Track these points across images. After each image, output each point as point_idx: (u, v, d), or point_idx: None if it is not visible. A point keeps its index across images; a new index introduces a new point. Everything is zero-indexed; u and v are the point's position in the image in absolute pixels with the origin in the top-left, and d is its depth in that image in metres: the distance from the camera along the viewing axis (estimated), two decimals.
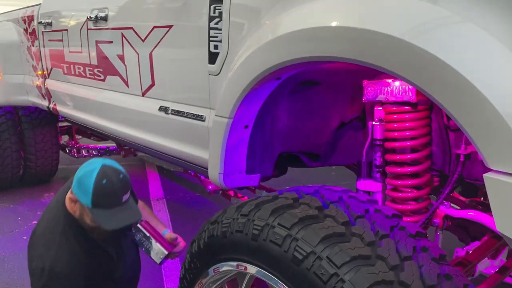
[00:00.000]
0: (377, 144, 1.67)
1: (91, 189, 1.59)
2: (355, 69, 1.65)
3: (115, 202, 1.64)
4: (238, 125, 1.65)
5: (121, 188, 1.64)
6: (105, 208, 1.62)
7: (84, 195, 1.61)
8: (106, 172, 1.62)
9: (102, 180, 1.60)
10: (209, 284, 1.44)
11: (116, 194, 1.63)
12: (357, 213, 1.19)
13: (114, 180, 1.63)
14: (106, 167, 1.65)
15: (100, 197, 1.60)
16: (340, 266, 1.04)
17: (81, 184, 1.62)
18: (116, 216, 1.64)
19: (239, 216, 1.30)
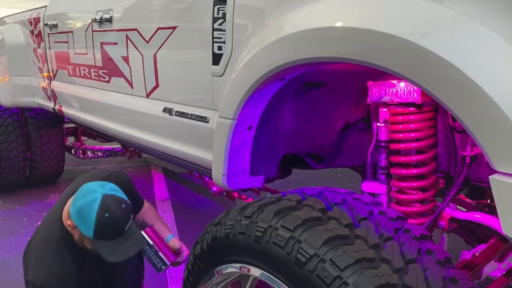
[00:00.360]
0: (382, 145, 1.66)
1: (93, 223, 1.55)
2: (360, 70, 1.63)
3: (118, 234, 1.61)
4: (241, 127, 1.64)
5: (123, 219, 1.61)
6: (108, 240, 1.60)
7: (86, 227, 1.58)
8: (108, 205, 1.58)
9: (105, 214, 1.56)
10: (212, 286, 1.43)
11: (118, 227, 1.60)
12: (361, 215, 1.18)
13: (116, 212, 1.59)
14: (107, 197, 1.60)
15: (103, 230, 1.57)
16: (344, 269, 1.02)
17: (81, 216, 1.58)
18: (119, 247, 1.61)
19: (242, 218, 1.29)
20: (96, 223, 1.55)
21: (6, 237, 3.62)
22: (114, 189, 1.68)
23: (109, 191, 1.64)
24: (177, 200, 4.51)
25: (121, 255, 1.62)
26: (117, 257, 1.62)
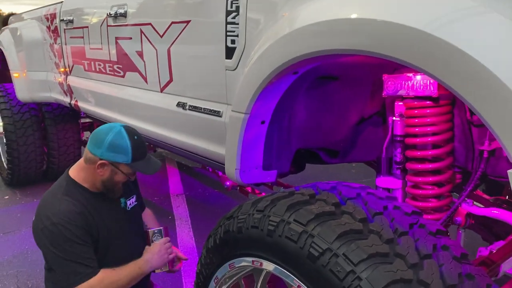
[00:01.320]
0: (398, 140, 1.64)
1: (130, 146, 1.78)
2: (375, 63, 1.61)
3: (145, 152, 1.88)
4: (254, 121, 1.64)
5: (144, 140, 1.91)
6: (141, 159, 1.83)
7: (123, 155, 1.78)
8: (132, 131, 1.84)
9: (134, 136, 1.82)
10: (225, 279, 1.43)
11: (144, 145, 1.89)
12: (375, 210, 1.17)
13: (139, 135, 1.88)
14: (128, 127, 1.86)
15: (137, 151, 1.81)
16: (357, 264, 1.01)
17: (115, 146, 1.77)
18: (149, 163, 1.88)
19: (255, 211, 1.28)
20: (132, 146, 1.78)
21: (24, 230, 3.69)
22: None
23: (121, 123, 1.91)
24: (192, 195, 4.53)
25: (153, 168, 1.90)
26: (152, 169, 1.88)
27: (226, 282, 1.45)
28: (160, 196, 4.37)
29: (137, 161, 1.82)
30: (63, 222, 1.71)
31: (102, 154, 1.78)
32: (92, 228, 1.79)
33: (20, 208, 4.18)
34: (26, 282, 2.93)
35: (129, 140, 1.79)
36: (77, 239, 1.72)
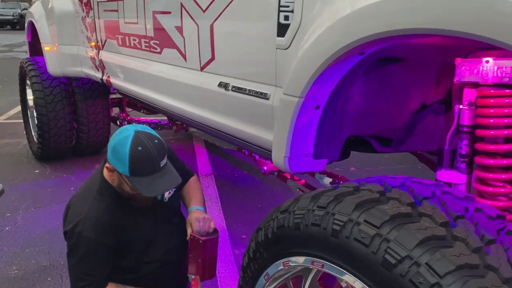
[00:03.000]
0: (464, 131, 1.49)
1: (127, 157, 1.55)
2: (447, 45, 1.46)
3: (153, 169, 1.58)
4: (309, 106, 1.51)
5: (157, 153, 1.59)
6: (144, 175, 1.58)
7: (121, 164, 1.57)
8: (140, 139, 1.57)
9: (138, 147, 1.55)
10: (276, 277, 1.34)
11: (152, 160, 1.57)
12: (456, 213, 1.04)
13: (149, 146, 1.57)
14: (140, 133, 1.60)
15: (138, 165, 1.56)
16: (443, 276, 0.89)
17: (116, 153, 1.58)
18: (155, 182, 1.59)
19: (316, 207, 1.17)
20: (130, 157, 1.54)
21: (55, 206, 3.69)
22: (146, 128, 1.68)
23: (141, 128, 1.65)
24: (220, 175, 4.46)
25: (158, 189, 1.61)
26: (154, 191, 1.60)
27: (275, 280, 1.35)
28: None
29: (137, 176, 1.57)
30: (84, 233, 1.64)
31: (108, 156, 1.63)
32: (118, 235, 1.70)
33: (50, 183, 4.18)
34: (58, 259, 2.91)
35: (129, 149, 1.54)
36: (92, 255, 1.66)
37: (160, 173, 1.60)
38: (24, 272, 2.75)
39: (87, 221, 1.65)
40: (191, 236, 1.79)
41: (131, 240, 1.75)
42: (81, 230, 1.64)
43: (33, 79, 4.36)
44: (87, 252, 1.66)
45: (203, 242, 1.76)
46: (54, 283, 2.65)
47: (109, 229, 1.68)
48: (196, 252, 1.78)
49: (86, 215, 1.66)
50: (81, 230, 1.64)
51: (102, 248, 1.68)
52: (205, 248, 1.77)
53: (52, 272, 2.77)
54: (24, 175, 4.37)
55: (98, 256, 1.68)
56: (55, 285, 2.63)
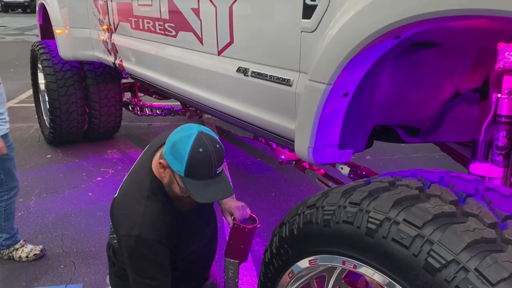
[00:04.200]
0: (502, 121, 1.39)
1: (187, 156, 1.45)
2: (487, 29, 1.35)
3: (209, 174, 1.48)
4: (337, 93, 1.41)
5: (217, 159, 1.49)
6: (198, 179, 1.48)
7: (178, 162, 1.47)
8: (203, 140, 1.48)
9: (199, 148, 1.46)
10: (302, 275, 1.26)
11: (211, 165, 1.48)
12: (505, 213, 0.95)
13: (211, 149, 1.47)
14: (204, 134, 1.50)
15: (195, 166, 1.46)
16: (496, 284, 0.81)
17: (175, 150, 1.48)
18: (208, 188, 1.49)
19: (348, 203, 1.09)
20: (189, 157, 1.45)
21: (67, 191, 3.65)
22: (210, 130, 1.58)
23: (205, 130, 1.55)
24: (233, 163, 4.39)
25: (210, 197, 1.51)
26: (205, 197, 1.50)
27: (300, 279, 1.28)
28: None
29: (191, 178, 1.48)
30: (144, 235, 1.53)
31: (165, 152, 1.53)
32: (173, 235, 1.62)
33: (62, 168, 4.15)
34: (71, 246, 2.88)
35: (190, 149, 1.46)
36: (153, 257, 1.56)
37: (215, 180, 1.51)
38: (37, 260, 2.71)
39: (145, 223, 1.55)
40: (235, 225, 1.78)
41: (179, 238, 1.67)
42: (140, 232, 1.54)
43: (44, 63, 4.30)
44: (150, 255, 1.56)
45: (248, 230, 1.77)
46: (67, 270, 2.62)
47: (167, 229, 1.59)
48: (239, 239, 1.79)
49: (143, 217, 1.56)
50: (140, 233, 1.54)
51: (164, 249, 1.59)
52: (249, 235, 1.79)
53: (65, 259, 2.74)
54: (36, 160, 4.34)
55: (160, 258, 1.59)
56: (68, 273, 2.59)
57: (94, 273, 2.60)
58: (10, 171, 2.63)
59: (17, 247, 2.73)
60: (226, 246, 1.79)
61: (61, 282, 2.52)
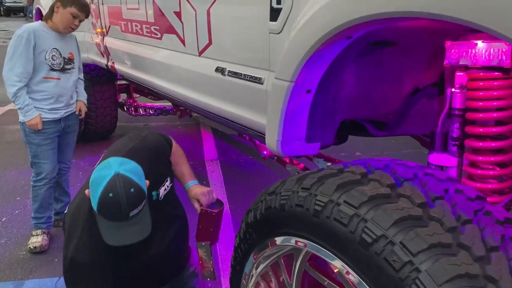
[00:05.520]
0: (456, 114, 1.49)
1: (97, 197, 1.49)
2: (438, 28, 1.45)
3: (119, 217, 1.51)
4: (300, 90, 1.52)
5: (128, 204, 1.50)
6: (109, 220, 1.52)
7: (93, 200, 1.52)
8: (115, 185, 1.48)
9: (109, 193, 1.48)
10: (265, 257, 1.37)
11: (120, 210, 1.49)
12: (436, 194, 1.05)
13: (121, 195, 1.48)
14: (120, 176, 1.50)
15: (105, 209, 1.50)
16: (416, 254, 0.91)
17: (92, 188, 1.53)
18: (118, 231, 1.52)
19: (300, 189, 1.20)
20: (99, 199, 1.49)
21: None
22: (133, 170, 1.56)
23: (125, 171, 1.53)
24: (226, 161, 4.50)
25: (117, 240, 1.53)
26: (113, 240, 1.53)
27: (265, 260, 1.39)
28: (195, 161, 4.36)
29: (103, 217, 1.51)
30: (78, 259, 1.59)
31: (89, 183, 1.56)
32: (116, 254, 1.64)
33: None
34: None
35: (101, 191, 1.48)
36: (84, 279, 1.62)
37: (128, 222, 1.52)
38: (32, 254, 2.84)
39: (80, 247, 1.60)
40: (203, 211, 1.89)
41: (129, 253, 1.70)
42: (75, 256, 1.59)
43: None
44: (81, 277, 1.61)
45: (215, 214, 1.88)
46: (61, 264, 2.72)
47: (105, 253, 1.61)
48: (208, 223, 1.90)
49: (79, 241, 1.61)
50: (74, 256, 1.59)
51: (97, 271, 1.62)
52: (217, 219, 1.90)
53: (58, 254, 2.84)
54: None
55: (94, 279, 1.62)
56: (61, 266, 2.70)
57: None
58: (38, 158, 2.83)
59: (33, 233, 2.91)
60: (196, 231, 1.90)
61: (55, 275, 2.64)
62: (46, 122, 2.78)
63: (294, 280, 1.32)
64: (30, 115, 2.70)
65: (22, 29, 2.73)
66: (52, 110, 2.82)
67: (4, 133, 5.41)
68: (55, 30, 2.80)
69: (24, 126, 2.77)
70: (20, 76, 2.65)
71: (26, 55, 2.65)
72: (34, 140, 2.80)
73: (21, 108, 2.70)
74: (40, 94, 2.76)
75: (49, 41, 2.76)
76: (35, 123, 2.72)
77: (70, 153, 3.14)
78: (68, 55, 2.87)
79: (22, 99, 2.67)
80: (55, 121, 2.85)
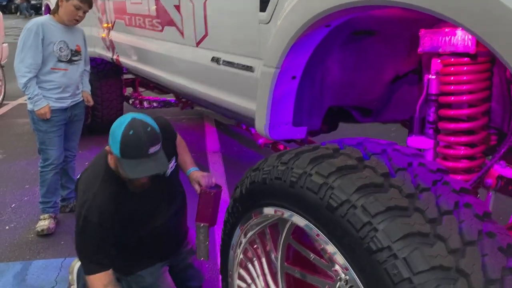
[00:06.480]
0: (432, 99, 1.59)
1: (119, 139, 1.68)
2: (412, 18, 1.55)
3: (141, 153, 1.69)
4: (285, 76, 1.63)
5: (148, 139, 1.70)
6: (132, 158, 1.69)
7: (114, 145, 1.70)
8: (133, 124, 1.70)
9: (129, 131, 1.68)
10: (251, 226, 1.49)
11: (141, 145, 1.68)
12: (399, 166, 1.16)
13: (141, 131, 1.69)
14: (136, 120, 1.73)
15: (127, 147, 1.68)
16: (375, 215, 1.02)
17: (112, 135, 1.72)
18: (141, 165, 1.70)
19: (279, 163, 1.31)
20: (121, 139, 1.67)
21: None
22: (146, 117, 1.78)
23: (139, 116, 1.75)
24: (227, 153, 4.62)
25: (141, 172, 1.71)
26: (136, 173, 1.71)
27: (252, 229, 1.50)
28: (197, 152, 4.49)
29: (126, 158, 1.69)
30: (90, 217, 1.75)
31: (109, 139, 1.76)
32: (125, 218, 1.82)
33: None
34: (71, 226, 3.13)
35: (122, 132, 1.67)
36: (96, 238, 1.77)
37: (148, 159, 1.71)
38: (40, 236, 2.99)
39: (93, 207, 1.78)
40: (202, 191, 2.04)
41: (136, 220, 1.89)
42: (87, 214, 1.77)
43: None
44: (91, 235, 1.78)
45: (214, 194, 2.02)
46: (67, 245, 2.88)
47: (114, 216, 1.79)
48: (207, 204, 2.03)
49: (92, 200, 1.78)
50: (86, 214, 1.77)
51: (106, 232, 1.79)
52: (215, 199, 2.03)
53: (65, 237, 3.00)
54: None
55: (101, 239, 1.79)
56: (67, 248, 2.86)
57: None
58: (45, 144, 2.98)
59: (41, 217, 3.07)
60: (196, 212, 2.03)
61: (61, 256, 2.78)
62: (53, 110, 2.93)
63: (280, 252, 1.44)
64: (39, 104, 2.85)
65: (31, 23, 2.88)
66: (59, 99, 2.96)
67: (14, 126, 5.59)
68: (62, 23, 2.93)
69: (33, 114, 2.92)
70: (30, 68, 2.79)
71: (35, 47, 2.79)
72: (41, 127, 2.94)
73: (31, 98, 2.84)
74: (49, 84, 2.90)
75: (57, 34, 2.90)
76: (44, 112, 2.86)
77: (76, 141, 3.29)
78: (75, 47, 3.01)
79: (32, 89, 2.82)
80: (62, 110, 2.99)
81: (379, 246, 0.99)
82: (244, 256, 1.58)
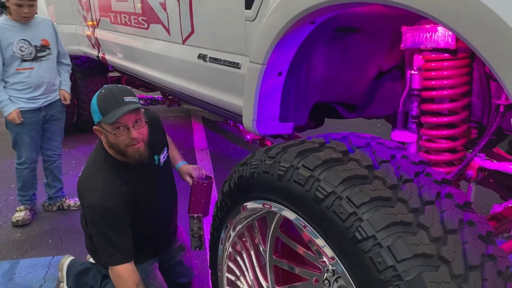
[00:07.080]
0: (415, 94, 1.63)
1: (95, 101, 1.79)
2: (394, 15, 1.59)
3: (117, 102, 1.77)
4: (271, 72, 1.66)
5: (119, 90, 1.81)
6: (111, 110, 1.76)
7: (95, 112, 1.79)
8: (105, 86, 1.85)
9: (101, 90, 1.83)
10: (240, 220, 1.51)
11: (115, 94, 1.78)
12: (383, 158, 1.19)
13: (112, 86, 1.82)
14: (107, 85, 1.87)
15: (103, 102, 1.78)
16: (359, 206, 1.05)
17: (91, 107, 1.82)
18: (120, 110, 1.76)
19: (267, 158, 1.33)
20: (97, 100, 1.79)
21: None
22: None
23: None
24: (215, 150, 4.64)
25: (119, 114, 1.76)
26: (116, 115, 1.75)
27: (240, 223, 1.53)
28: (185, 150, 4.49)
29: (106, 114, 1.77)
30: (105, 204, 1.79)
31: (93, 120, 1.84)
32: (132, 198, 1.87)
33: None
34: (59, 224, 3.12)
35: (96, 96, 1.80)
36: (114, 222, 1.80)
37: (126, 106, 1.78)
38: (27, 235, 2.97)
39: (104, 194, 1.81)
40: (194, 182, 2.09)
41: (138, 204, 1.92)
42: (101, 202, 1.79)
43: None
44: (110, 220, 1.80)
45: (206, 184, 2.07)
46: (55, 244, 2.87)
47: (124, 196, 1.84)
48: (199, 195, 2.08)
49: (102, 188, 1.82)
50: (101, 203, 1.79)
51: (122, 215, 1.83)
52: (207, 190, 2.08)
53: (53, 235, 2.99)
54: None
55: (121, 222, 1.83)
56: (56, 246, 2.85)
57: (79, 246, 2.84)
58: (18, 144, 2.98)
59: (17, 209, 3.11)
60: (189, 204, 2.05)
61: (49, 254, 2.77)
62: (25, 111, 2.88)
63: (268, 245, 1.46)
64: (6, 110, 2.82)
65: None
66: (31, 100, 2.90)
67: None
68: (18, 22, 2.84)
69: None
70: None
71: None
72: (14, 128, 2.92)
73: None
74: (18, 85, 2.86)
75: (14, 33, 2.81)
76: (12, 118, 2.83)
77: (59, 141, 3.25)
78: (40, 42, 2.91)
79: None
80: (35, 111, 2.94)
81: (364, 235, 1.02)
82: (233, 250, 1.60)
